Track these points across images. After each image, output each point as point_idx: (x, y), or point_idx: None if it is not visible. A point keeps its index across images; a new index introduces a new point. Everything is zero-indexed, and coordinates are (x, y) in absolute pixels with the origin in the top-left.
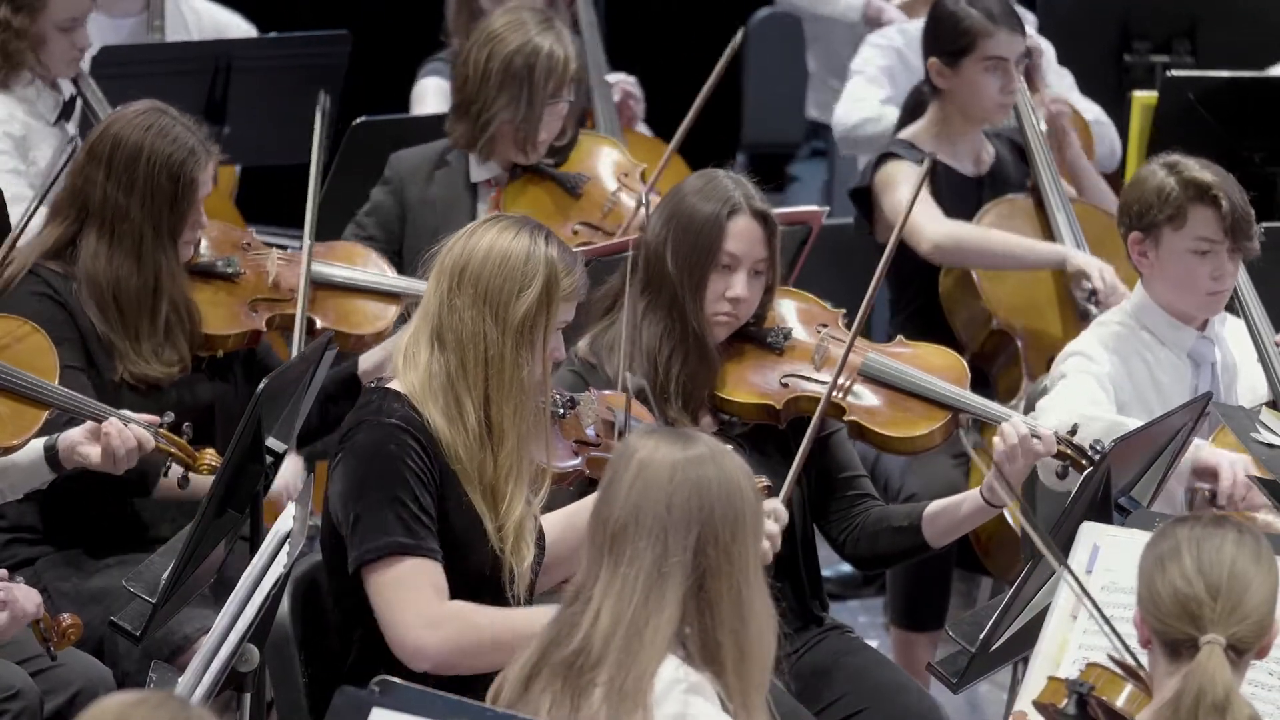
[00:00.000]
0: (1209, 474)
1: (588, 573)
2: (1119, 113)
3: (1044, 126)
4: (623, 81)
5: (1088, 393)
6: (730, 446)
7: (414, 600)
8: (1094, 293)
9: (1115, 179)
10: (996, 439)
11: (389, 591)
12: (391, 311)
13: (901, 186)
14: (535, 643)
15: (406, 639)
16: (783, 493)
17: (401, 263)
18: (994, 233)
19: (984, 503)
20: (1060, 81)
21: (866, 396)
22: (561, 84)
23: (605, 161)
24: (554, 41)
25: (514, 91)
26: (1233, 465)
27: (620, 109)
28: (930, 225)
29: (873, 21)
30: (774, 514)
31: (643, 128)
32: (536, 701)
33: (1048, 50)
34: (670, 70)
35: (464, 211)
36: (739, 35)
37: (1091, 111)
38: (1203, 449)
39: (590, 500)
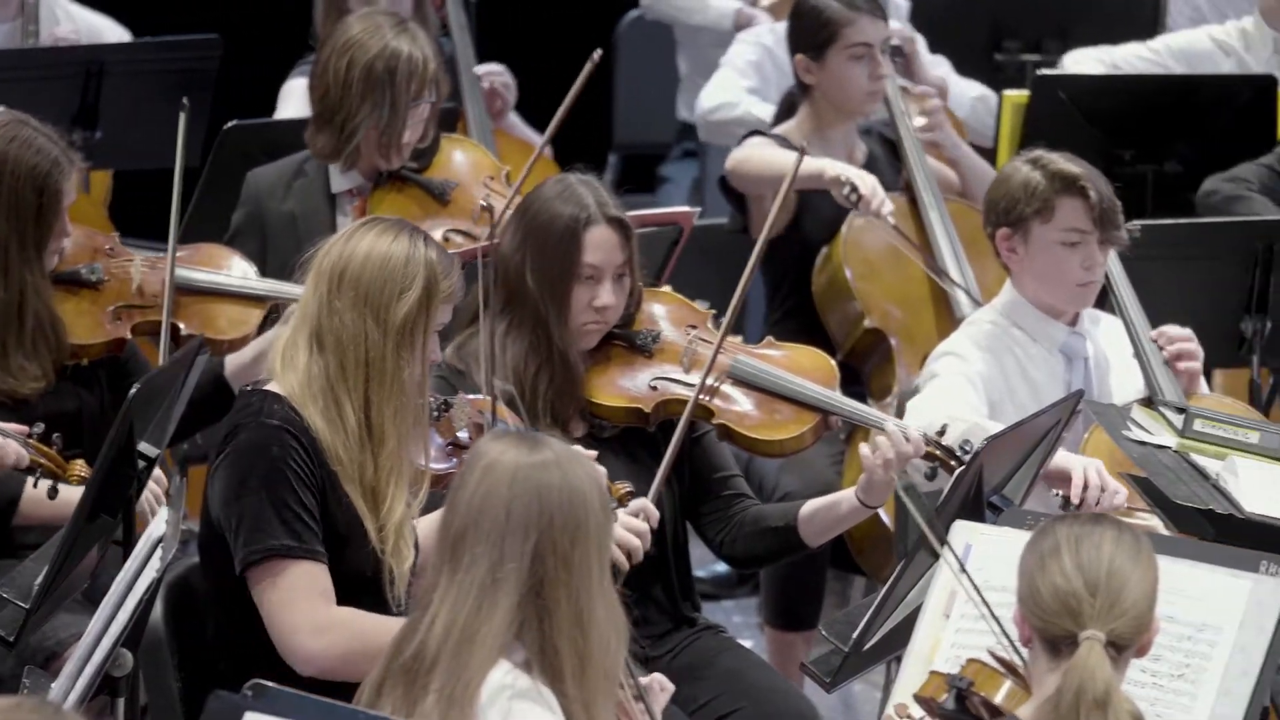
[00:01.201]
0: (1061, 479)
1: (432, 578)
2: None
3: (919, 120)
4: (491, 73)
5: (958, 393)
6: (594, 452)
7: (300, 606)
8: (854, 191)
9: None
10: (864, 447)
11: (275, 595)
12: (255, 316)
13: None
14: (386, 650)
15: (293, 644)
16: (650, 493)
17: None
18: (754, 154)
19: (859, 503)
20: (936, 69)
21: (735, 399)
22: (423, 85)
23: (470, 165)
24: (411, 44)
25: (377, 97)
26: (1084, 468)
27: (489, 99)
28: (738, 150)
29: (743, 29)
30: (643, 512)
31: (515, 118)
32: (384, 708)
33: (919, 38)
34: (540, 72)
35: (324, 224)
36: (596, 54)
37: (975, 89)
38: (1056, 454)
39: None
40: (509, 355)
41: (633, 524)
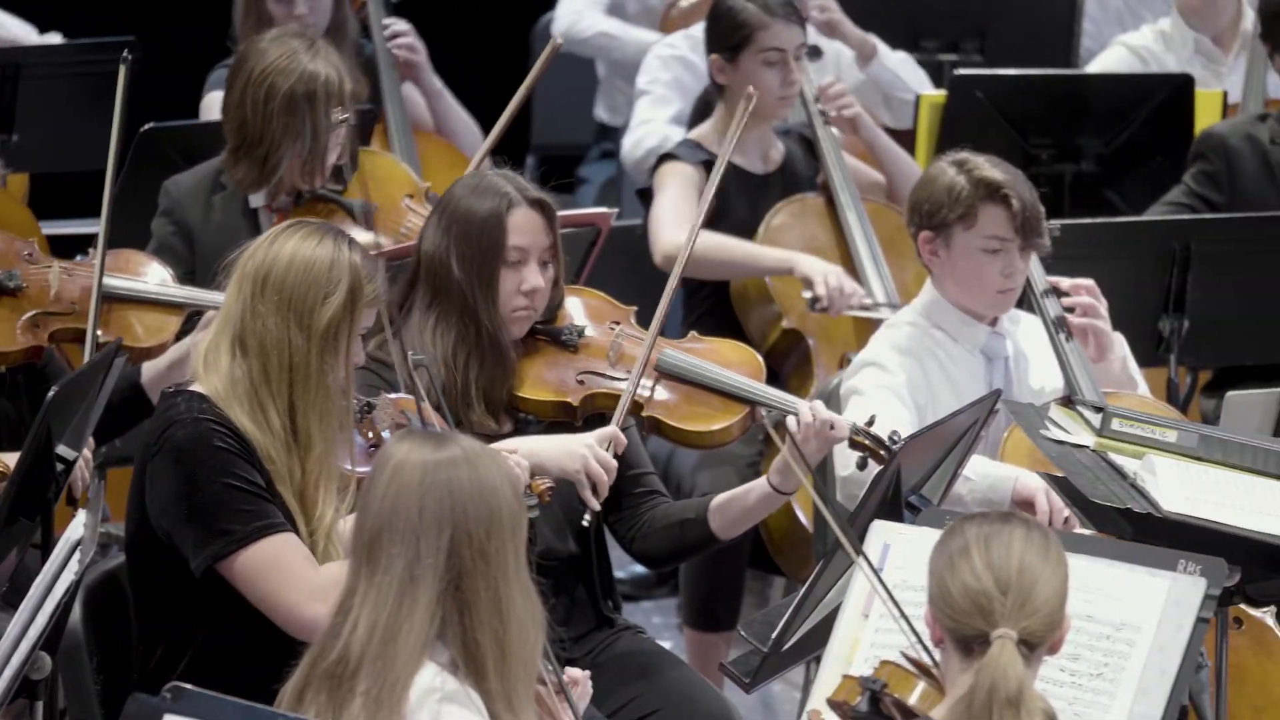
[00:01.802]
0: (1026, 506)
1: (350, 582)
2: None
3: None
4: (396, 34)
5: (885, 409)
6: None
7: (292, 577)
8: (817, 299)
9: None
10: (791, 419)
11: (265, 579)
12: (173, 324)
13: (668, 189)
14: (306, 655)
15: (299, 617)
16: (615, 419)
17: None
18: (725, 241)
19: (772, 490)
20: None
21: (663, 392)
22: (342, 104)
23: (392, 184)
24: (326, 64)
25: (299, 124)
26: (1048, 491)
27: (402, 68)
28: (666, 234)
29: None
30: (612, 441)
31: (438, 83)
32: (307, 714)
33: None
34: (459, 71)
35: (245, 240)
36: (558, 39)
37: (897, 54)
38: (1020, 478)
39: None
40: (439, 347)
41: (601, 455)
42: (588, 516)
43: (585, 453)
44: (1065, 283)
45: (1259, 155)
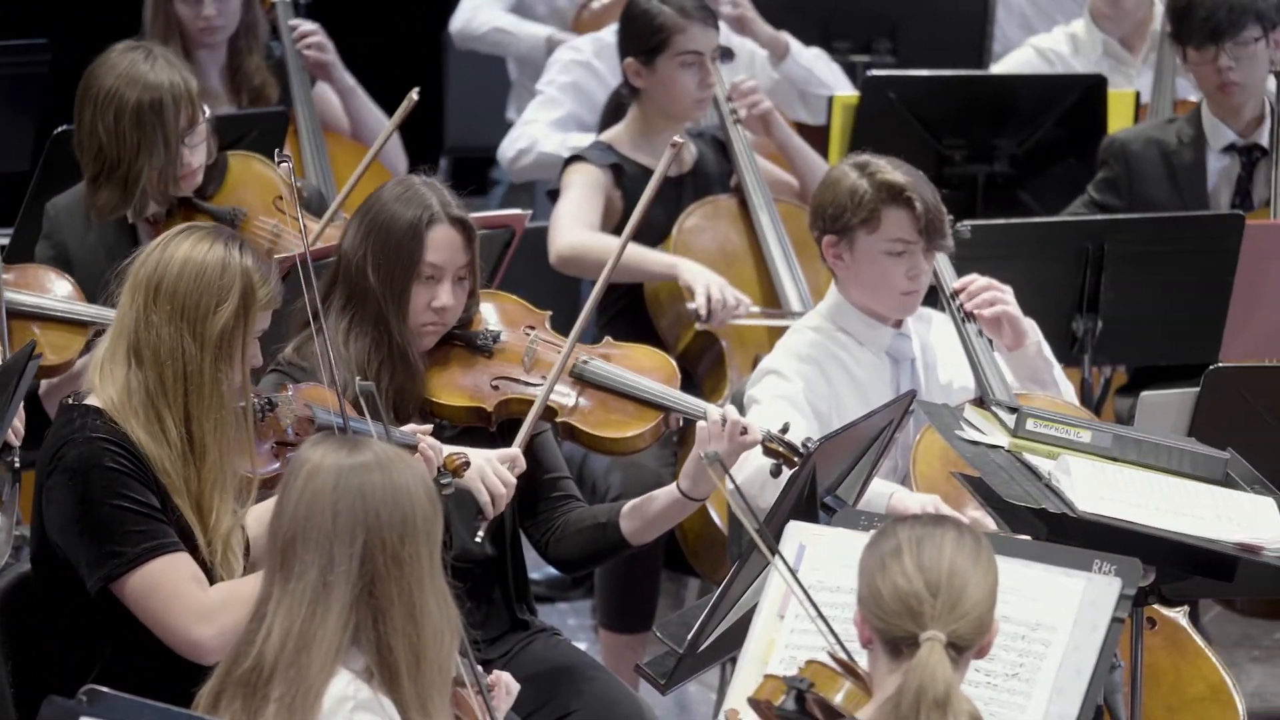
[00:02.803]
0: None
1: (264, 589)
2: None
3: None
4: (305, 34)
5: (781, 417)
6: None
7: (180, 600)
8: (698, 312)
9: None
10: (701, 422)
11: (150, 599)
12: (79, 342)
13: (572, 189)
14: (221, 662)
15: (188, 640)
16: (518, 440)
17: None
18: (615, 244)
19: (682, 495)
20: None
21: (578, 398)
22: (193, 109)
23: (259, 188)
24: (166, 70)
25: (151, 136)
26: (923, 508)
27: (313, 68)
28: (561, 237)
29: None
30: (512, 462)
31: (352, 81)
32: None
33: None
34: (371, 73)
35: (126, 255)
36: (414, 93)
37: (811, 50)
38: (895, 494)
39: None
40: (352, 351)
41: (501, 471)
42: (481, 532)
43: (484, 464)
44: (957, 283)
45: (1162, 159)
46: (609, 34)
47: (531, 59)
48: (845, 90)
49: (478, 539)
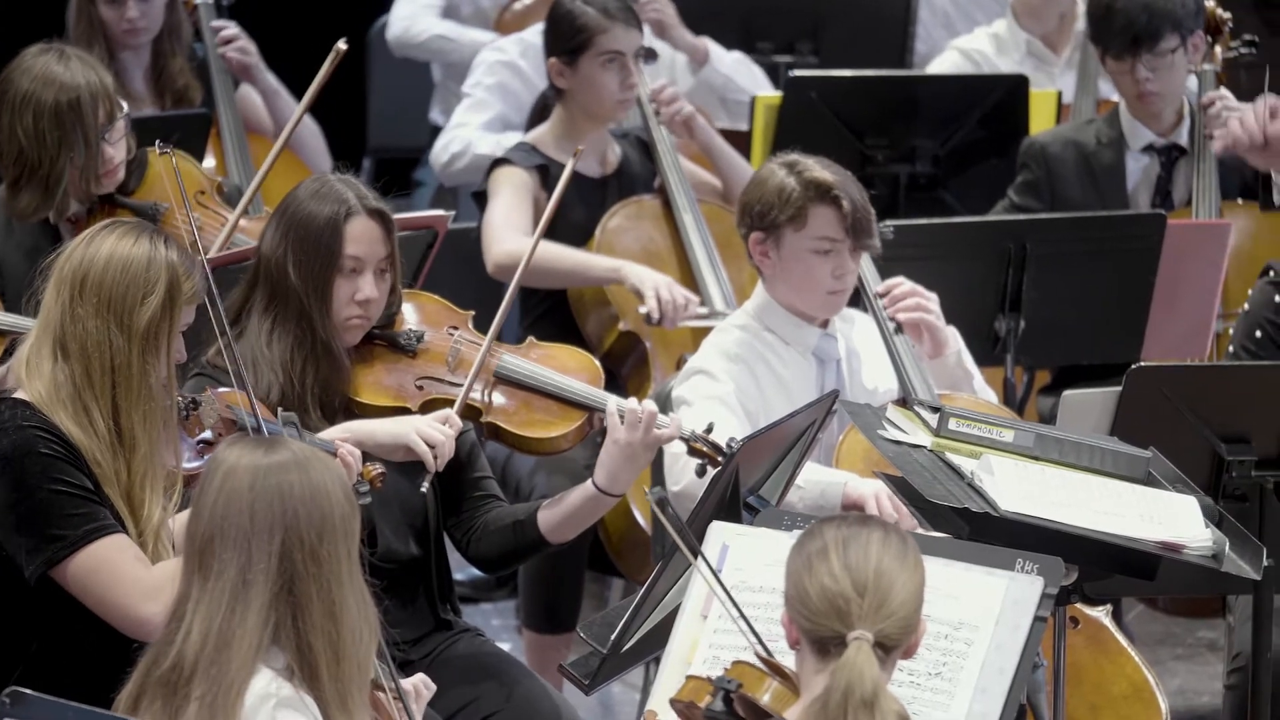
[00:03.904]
0: (858, 510)
1: (183, 588)
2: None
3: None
4: (224, 37)
5: (713, 418)
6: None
7: (124, 579)
8: (650, 314)
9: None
10: (611, 408)
11: (94, 580)
12: None
13: (501, 195)
14: (140, 662)
15: (136, 617)
16: (455, 406)
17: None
18: (556, 250)
19: (597, 491)
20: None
21: (502, 398)
22: (111, 106)
23: (183, 182)
24: (81, 69)
25: (72, 137)
26: (877, 496)
27: (236, 70)
28: (497, 244)
29: None
30: (448, 420)
31: (275, 82)
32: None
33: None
34: (294, 75)
35: (49, 256)
36: (341, 44)
37: (733, 54)
38: (850, 482)
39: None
40: (275, 351)
41: (437, 424)
42: (425, 484)
43: (418, 421)
44: (881, 286)
45: (1081, 161)
46: (533, 34)
47: (459, 63)
48: (766, 94)
49: (423, 488)
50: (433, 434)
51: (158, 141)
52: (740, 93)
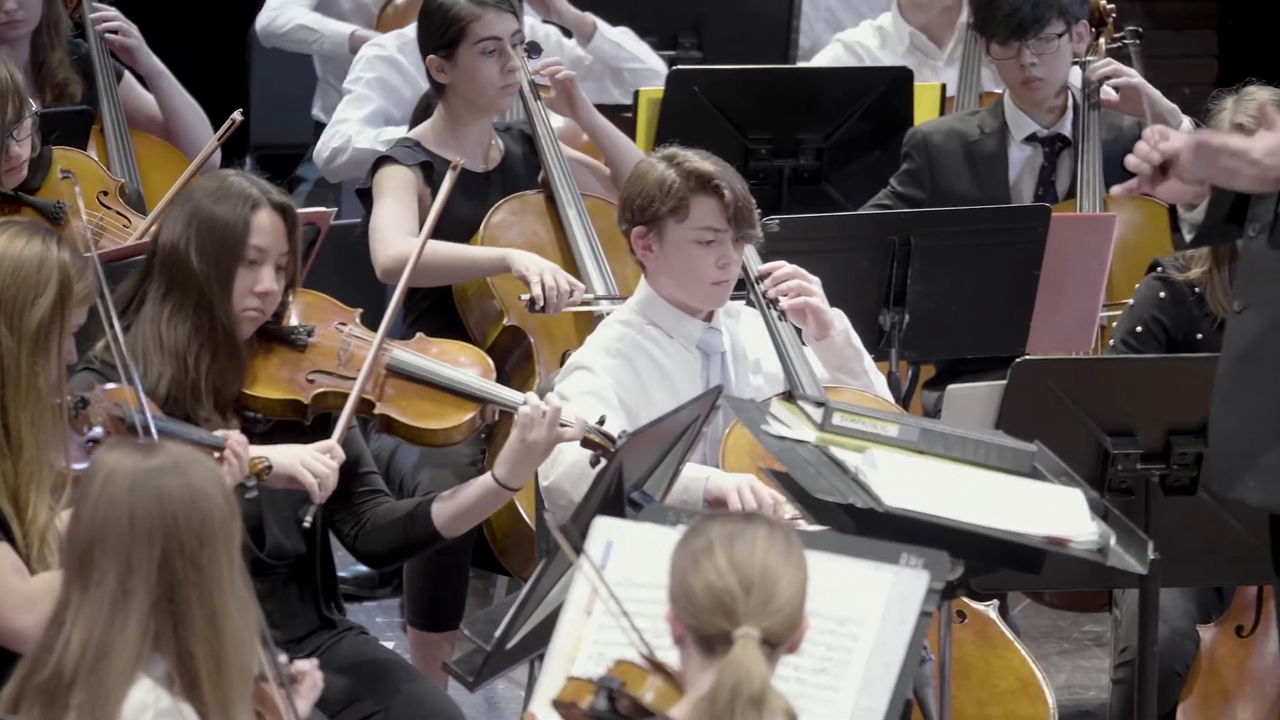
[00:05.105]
0: (720, 504)
1: (63, 596)
2: (629, 110)
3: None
4: (104, 18)
5: (590, 415)
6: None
7: (1, 588)
8: (534, 300)
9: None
10: (522, 408)
11: None
12: None
13: (386, 195)
14: (19, 668)
15: (7, 628)
16: (335, 434)
17: None
18: (442, 248)
19: (496, 484)
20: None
21: (394, 391)
22: (19, 102)
23: (85, 181)
24: None
25: None
26: (739, 489)
27: (119, 52)
28: (385, 249)
29: (357, 49)
30: (330, 452)
31: (157, 64)
32: None
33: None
34: (175, 69)
35: None
36: (236, 115)
37: (618, 29)
38: (711, 478)
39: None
40: (171, 338)
41: (320, 457)
42: (308, 518)
43: (303, 452)
44: (762, 268)
45: (964, 151)
46: (413, 30)
47: (336, 56)
48: (658, 64)
49: (305, 523)
50: (318, 466)
51: (60, 170)
52: (633, 60)
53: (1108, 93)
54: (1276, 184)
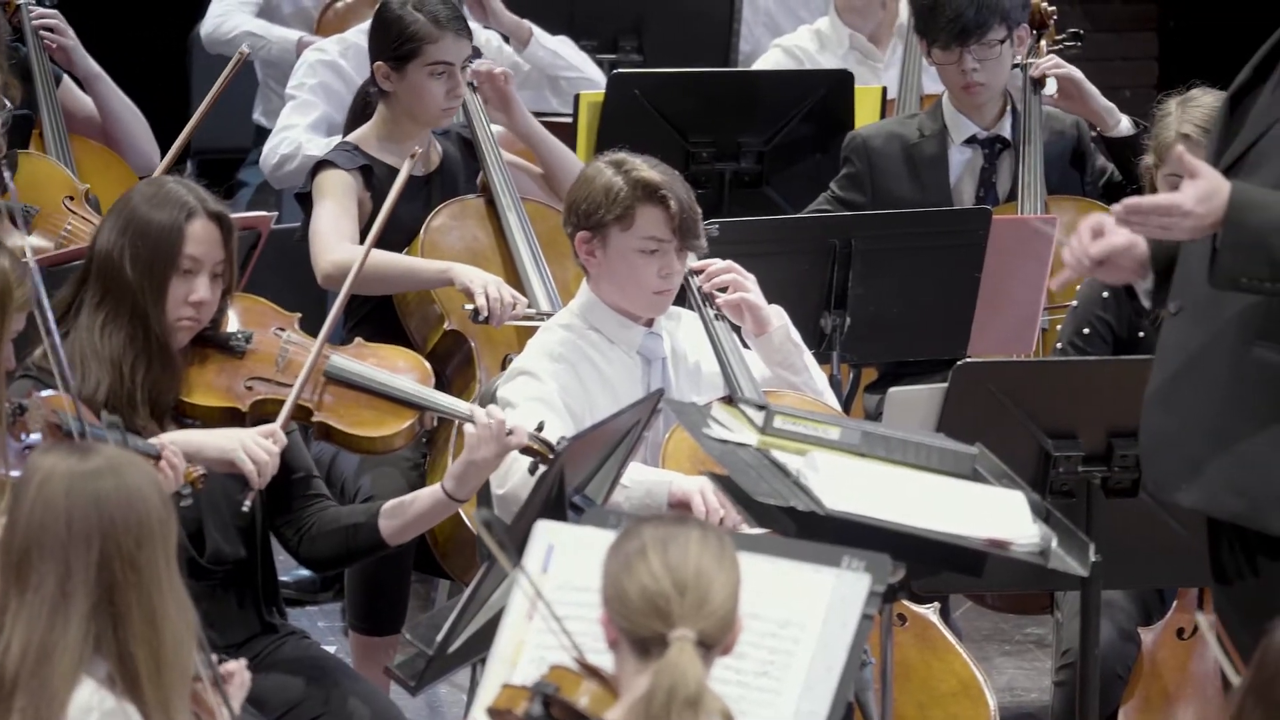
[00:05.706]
0: (684, 508)
1: (1, 601)
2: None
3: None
4: (42, 16)
5: (537, 419)
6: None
7: None
8: (478, 311)
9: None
10: (469, 426)
11: None
12: None
13: (326, 200)
14: None
15: None
16: (279, 420)
17: None
18: (383, 256)
19: (445, 496)
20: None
21: (332, 398)
22: None
23: (51, 186)
24: None
25: None
26: (702, 491)
27: (56, 54)
28: (325, 255)
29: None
30: (273, 435)
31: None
32: None
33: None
34: (117, 73)
35: None
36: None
37: (556, 38)
38: (675, 481)
39: None
40: (106, 347)
41: (261, 441)
42: (247, 502)
43: (244, 436)
44: (697, 264)
45: (904, 154)
46: (355, 34)
47: (280, 62)
48: (595, 73)
49: (244, 508)
50: (258, 452)
51: (22, 205)
52: (569, 69)
53: (1050, 88)
54: (1213, 228)
